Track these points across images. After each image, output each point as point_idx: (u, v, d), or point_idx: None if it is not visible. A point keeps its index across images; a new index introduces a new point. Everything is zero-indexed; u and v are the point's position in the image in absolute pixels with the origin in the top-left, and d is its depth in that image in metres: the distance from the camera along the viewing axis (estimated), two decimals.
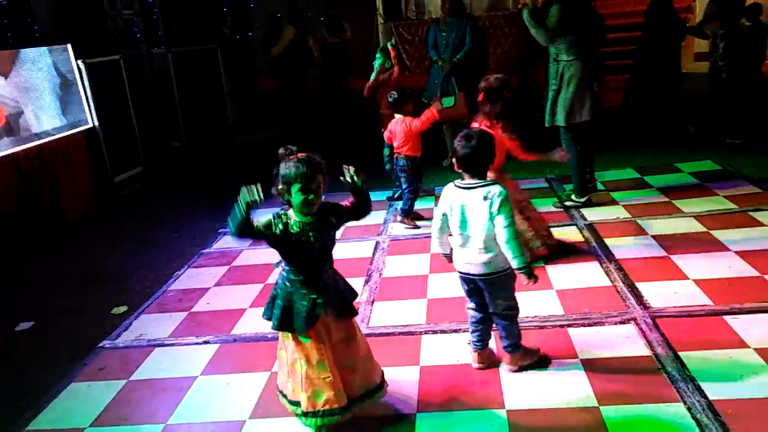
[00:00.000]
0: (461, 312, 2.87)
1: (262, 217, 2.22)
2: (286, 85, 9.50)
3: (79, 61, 6.08)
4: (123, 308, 3.81)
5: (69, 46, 6.02)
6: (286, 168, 2.17)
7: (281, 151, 2.31)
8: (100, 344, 3.35)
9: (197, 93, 8.13)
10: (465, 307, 2.74)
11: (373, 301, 3.53)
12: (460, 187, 2.51)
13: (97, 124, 6.22)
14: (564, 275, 3.58)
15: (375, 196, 3.79)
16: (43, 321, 3.75)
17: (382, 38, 7.69)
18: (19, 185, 5.18)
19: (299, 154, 2.21)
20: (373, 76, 5.58)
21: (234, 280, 4.06)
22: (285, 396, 2.43)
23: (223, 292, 3.89)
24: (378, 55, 5.63)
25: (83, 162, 6.06)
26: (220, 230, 5.01)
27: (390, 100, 4.63)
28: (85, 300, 3.98)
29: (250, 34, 12.20)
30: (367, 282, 3.80)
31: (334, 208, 2.30)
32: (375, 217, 4.74)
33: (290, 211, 2.24)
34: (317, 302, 2.25)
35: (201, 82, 8.12)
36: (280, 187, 2.20)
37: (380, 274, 3.90)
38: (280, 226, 2.20)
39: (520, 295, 2.66)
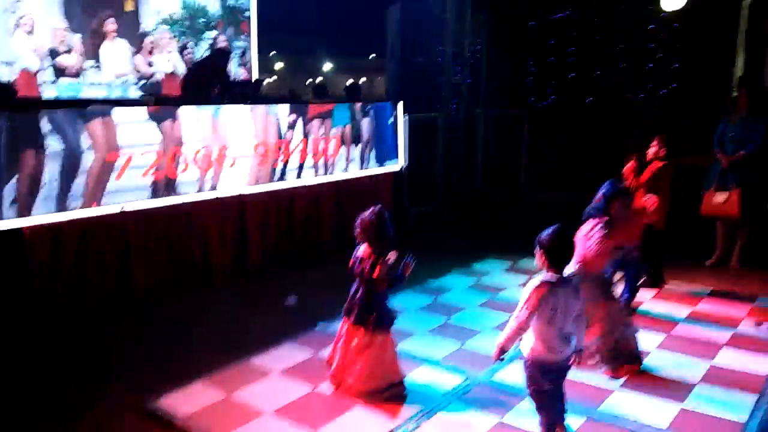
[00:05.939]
0: None
1: None
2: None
3: (405, 115, 7.77)
4: None
5: (401, 103, 7.77)
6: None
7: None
8: (317, 327, 4.70)
9: (499, 150, 9.18)
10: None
11: None
12: None
13: (405, 165, 7.84)
14: None
15: None
16: (303, 303, 5.29)
17: None
18: (336, 203, 7.04)
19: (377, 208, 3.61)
20: None
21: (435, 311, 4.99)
22: None
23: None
24: None
25: (388, 193, 7.72)
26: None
27: None
28: (336, 297, 5.37)
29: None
30: None
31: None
32: None
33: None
34: None
35: (505, 141, 9.13)
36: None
37: None
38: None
39: None
